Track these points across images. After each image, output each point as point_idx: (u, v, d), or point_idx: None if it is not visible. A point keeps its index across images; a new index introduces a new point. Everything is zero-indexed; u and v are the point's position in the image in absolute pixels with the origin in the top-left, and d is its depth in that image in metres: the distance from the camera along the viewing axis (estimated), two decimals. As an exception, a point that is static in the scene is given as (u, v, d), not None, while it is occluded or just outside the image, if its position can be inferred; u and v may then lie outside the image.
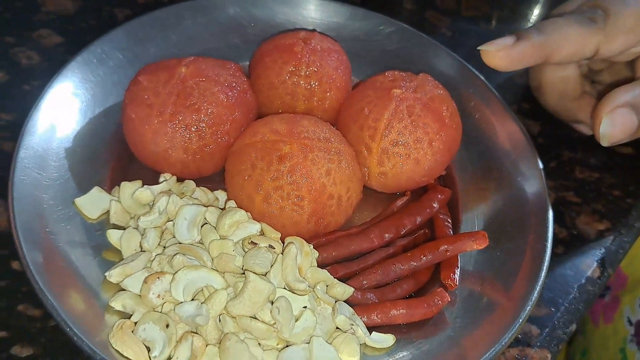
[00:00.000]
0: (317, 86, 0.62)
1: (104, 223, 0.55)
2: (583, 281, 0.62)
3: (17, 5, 0.76)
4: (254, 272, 0.49)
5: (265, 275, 0.50)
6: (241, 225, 0.53)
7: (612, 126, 0.57)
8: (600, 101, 0.58)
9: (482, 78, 0.68)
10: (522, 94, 0.78)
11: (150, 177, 0.58)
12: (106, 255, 0.53)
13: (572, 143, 0.74)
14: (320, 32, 0.66)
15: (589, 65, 0.70)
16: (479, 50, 0.58)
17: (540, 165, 0.62)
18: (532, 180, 0.61)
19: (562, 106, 0.69)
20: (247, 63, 0.68)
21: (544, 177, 0.61)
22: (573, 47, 0.59)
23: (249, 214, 0.54)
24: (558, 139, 0.74)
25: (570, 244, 0.65)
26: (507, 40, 0.58)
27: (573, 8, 0.63)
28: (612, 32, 0.59)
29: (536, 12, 0.92)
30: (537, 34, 0.58)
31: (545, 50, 0.58)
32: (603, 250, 0.65)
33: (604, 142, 0.58)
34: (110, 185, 0.58)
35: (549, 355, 0.56)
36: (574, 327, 0.59)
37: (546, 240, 0.57)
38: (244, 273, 0.51)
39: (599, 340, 0.83)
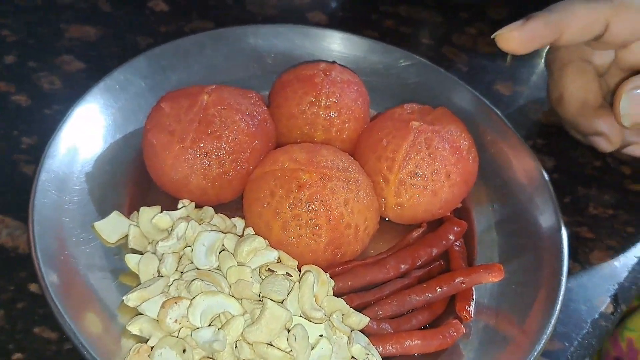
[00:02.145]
0: (336, 117, 0.63)
1: (122, 247, 0.56)
2: (596, 316, 0.62)
3: (40, 31, 0.77)
4: (271, 299, 0.49)
5: (282, 302, 0.50)
6: (259, 252, 0.53)
7: (631, 104, 0.58)
8: (621, 84, 0.59)
9: (499, 113, 0.69)
10: (537, 130, 0.78)
11: (168, 203, 0.59)
12: (123, 279, 0.53)
13: (586, 179, 0.74)
14: (340, 64, 0.67)
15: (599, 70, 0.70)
16: (494, 38, 0.60)
17: (555, 200, 0.62)
18: (547, 214, 0.62)
19: (583, 116, 0.67)
20: (267, 93, 0.69)
21: (559, 212, 0.61)
22: (582, 22, 0.60)
23: (267, 241, 0.55)
24: (572, 176, 0.74)
25: (583, 279, 0.65)
26: (518, 22, 0.60)
27: None
28: (622, 8, 0.60)
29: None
30: (547, 13, 0.60)
31: (556, 27, 0.60)
32: (616, 285, 0.65)
33: (625, 122, 0.59)
34: (129, 210, 0.58)
35: (563, 390, 0.56)
36: (587, 362, 0.59)
37: (561, 275, 0.57)
38: (260, 300, 0.51)
39: None
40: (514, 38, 0.59)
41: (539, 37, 0.60)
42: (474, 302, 0.57)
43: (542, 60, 0.89)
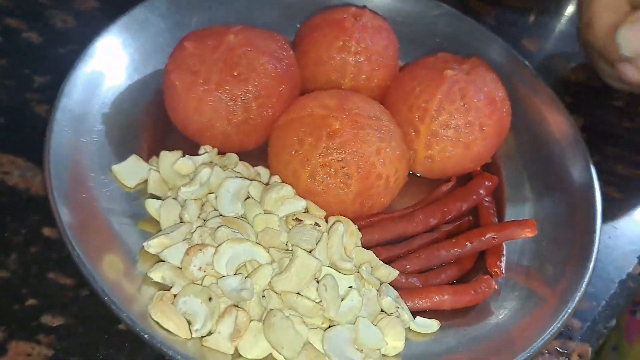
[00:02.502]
0: (366, 64, 0.60)
1: (141, 192, 0.54)
2: (624, 277, 0.61)
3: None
4: (301, 248, 0.47)
5: (310, 252, 0.48)
6: (286, 200, 0.52)
7: (633, 37, 0.59)
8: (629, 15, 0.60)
9: (531, 67, 0.67)
10: (564, 88, 0.76)
11: (189, 148, 0.57)
12: (143, 225, 0.51)
13: (615, 139, 0.73)
14: (370, 10, 0.64)
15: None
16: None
17: (589, 157, 0.60)
18: (579, 171, 0.60)
19: (611, 40, 0.65)
20: (291, 39, 0.66)
21: (593, 169, 0.60)
22: None
23: (294, 190, 0.52)
24: (601, 135, 0.73)
25: (611, 239, 0.64)
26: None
27: None
28: None
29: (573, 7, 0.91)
30: None
31: None
32: (645, 248, 0.64)
33: (623, 50, 0.60)
34: (148, 154, 0.56)
35: (590, 350, 0.55)
36: (614, 322, 0.58)
37: (594, 233, 0.55)
38: (288, 250, 0.49)
39: (633, 358, 0.82)
40: None
41: None
42: (504, 259, 0.56)
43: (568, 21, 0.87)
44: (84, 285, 0.49)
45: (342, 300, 0.47)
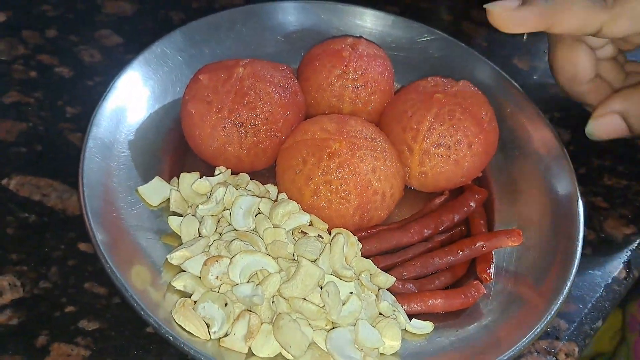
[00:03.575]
0: (363, 89, 0.66)
1: (164, 210, 0.59)
2: (609, 281, 0.65)
3: (78, 7, 0.81)
4: (305, 258, 0.53)
5: (314, 262, 0.54)
6: (292, 215, 0.57)
7: (597, 129, 0.63)
8: (597, 105, 0.63)
9: (518, 86, 0.72)
10: (554, 104, 0.81)
11: (205, 170, 0.62)
12: (165, 239, 0.57)
13: (601, 151, 0.77)
14: (366, 39, 0.70)
15: (617, 44, 0.70)
16: (484, 7, 0.59)
17: (572, 169, 0.65)
18: (564, 184, 0.65)
19: (571, 89, 0.70)
20: (294, 67, 0.72)
21: (576, 182, 0.64)
22: (576, 21, 0.59)
23: (299, 205, 0.58)
24: (588, 147, 0.77)
25: (598, 246, 0.68)
26: (512, 2, 0.59)
27: None
28: (619, 14, 0.59)
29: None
30: (544, 2, 0.58)
31: (548, 19, 0.59)
32: (629, 252, 0.68)
33: (590, 137, 0.64)
34: (169, 176, 0.62)
35: (577, 349, 0.59)
36: (600, 323, 0.62)
37: (577, 241, 0.60)
38: (294, 259, 0.54)
39: None
40: (503, 19, 0.59)
41: (529, 24, 0.59)
42: (493, 265, 0.61)
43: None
44: (115, 294, 0.54)
45: (343, 304, 0.52)
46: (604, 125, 0.63)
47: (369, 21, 0.78)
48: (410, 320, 0.55)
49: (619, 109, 0.63)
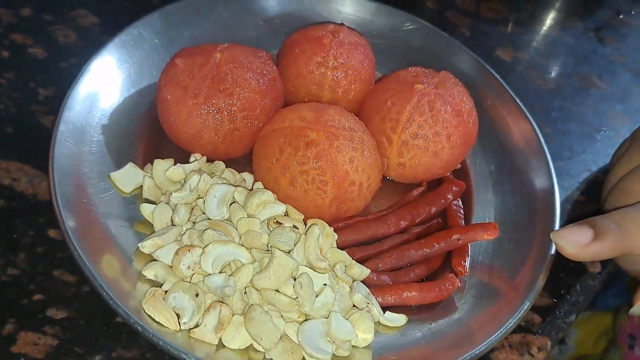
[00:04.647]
0: (343, 78, 0.65)
1: (137, 197, 0.58)
2: (584, 276, 0.66)
3: (54, -16, 0.79)
4: (279, 249, 0.52)
5: (289, 253, 0.53)
6: (268, 205, 0.56)
7: None
8: None
9: (499, 78, 0.72)
10: (536, 95, 0.81)
11: (180, 156, 0.61)
12: (138, 227, 0.56)
13: (581, 143, 0.77)
14: (347, 26, 0.69)
15: None
16: (551, 238, 0.56)
17: (550, 163, 0.65)
18: (542, 177, 0.65)
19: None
20: (275, 52, 0.71)
21: (554, 175, 0.64)
22: None
23: (275, 195, 0.57)
24: (565, 142, 0.77)
25: (574, 240, 0.68)
26: (584, 238, 0.54)
27: None
28: None
29: (551, 16, 0.95)
30: (617, 233, 0.54)
31: (625, 250, 0.55)
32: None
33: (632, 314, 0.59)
34: (143, 162, 0.61)
35: (549, 342, 0.60)
36: (573, 317, 0.62)
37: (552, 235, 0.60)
38: (268, 250, 0.54)
39: None
40: (576, 255, 0.55)
41: (604, 256, 0.55)
42: (469, 258, 0.61)
43: (544, 31, 0.91)
44: (85, 282, 0.53)
45: (316, 296, 0.52)
46: None
47: (352, 8, 0.77)
48: (384, 313, 0.55)
49: None
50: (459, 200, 0.65)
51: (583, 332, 0.88)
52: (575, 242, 0.55)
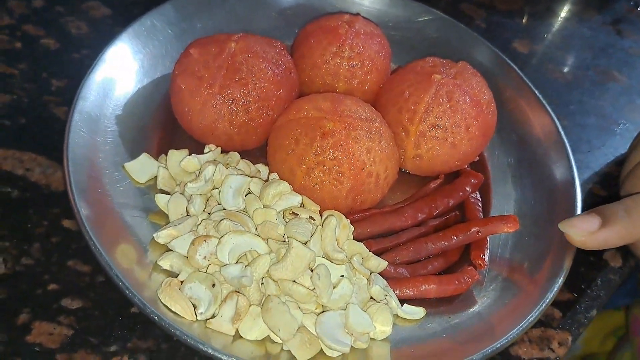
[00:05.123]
0: (359, 68, 0.64)
1: (151, 188, 0.58)
2: (605, 270, 0.64)
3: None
4: (296, 240, 0.51)
5: (305, 244, 0.53)
6: (284, 196, 0.56)
7: None
8: None
9: (517, 70, 0.70)
10: (553, 88, 0.79)
11: (194, 147, 0.61)
12: (152, 217, 0.56)
13: (600, 136, 0.76)
14: (363, 17, 0.68)
15: None
16: (560, 228, 0.55)
17: (571, 156, 0.64)
18: (562, 170, 0.63)
19: None
20: (288, 44, 0.70)
21: (574, 168, 0.63)
22: None
23: (291, 186, 0.57)
24: (585, 135, 0.76)
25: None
26: (591, 224, 0.54)
27: None
28: None
29: (567, 8, 0.94)
30: (626, 219, 0.53)
31: (634, 236, 0.54)
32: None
33: None
34: (157, 153, 0.60)
35: (570, 337, 0.58)
36: (594, 312, 0.61)
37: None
38: (285, 241, 0.53)
39: None
40: (584, 242, 0.54)
41: (613, 243, 0.54)
42: (488, 251, 0.59)
43: (561, 22, 0.90)
44: (100, 272, 0.53)
45: (334, 287, 0.51)
46: None
47: (367, -1, 0.76)
48: (402, 306, 0.54)
49: None
50: (477, 193, 0.64)
51: (590, 331, 0.87)
52: (583, 230, 0.54)
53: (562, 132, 0.66)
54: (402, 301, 0.54)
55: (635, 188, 0.60)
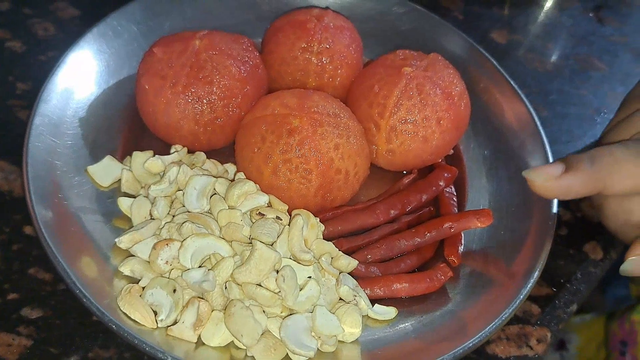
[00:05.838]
0: (329, 63, 0.63)
1: (115, 191, 0.56)
2: (586, 263, 0.63)
3: (34, -23, 0.77)
4: (260, 242, 0.50)
5: (271, 245, 0.51)
6: (250, 196, 0.54)
7: (634, 267, 0.53)
8: (634, 241, 0.54)
9: (492, 60, 0.69)
10: (533, 78, 0.78)
11: (161, 148, 0.59)
12: (116, 222, 0.54)
13: (581, 125, 0.74)
14: (333, 10, 0.66)
15: None
16: (523, 175, 0.54)
17: (547, 146, 0.62)
18: (538, 161, 0.62)
19: (623, 233, 0.60)
20: (260, 40, 0.69)
21: (551, 158, 0.61)
22: (630, 182, 0.53)
23: (258, 185, 0.55)
24: (568, 124, 0.74)
25: (574, 226, 0.66)
26: (555, 169, 0.53)
27: (633, 132, 0.57)
28: None
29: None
30: (590, 165, 0.52)
31: (598, 184, 0.53)
32: (606, 233, 0.65)
33: (624, 274, 0.55)
34: (122, 155, 0.59)
35: (549, 334, 0.57)
36: (574, 307, 0.60)
37: (550, 221, 0.57)
38: (250, 243, 0.52)
39: None
40: (547, 188, 0.53)
41: (575, 191, 0.53)
42: (462, 247, 0.58)
43: (542, 12, 0.88)
44: (61, 280, 0.51)
45: (301, 289, 0.50)
46: None
47: (339, -8, 0.74)
48: (374, 306, 0.52)
49: None
50: (452, 187, 0.63)
51: (585, 337, 0.85)
52: (546, 173, 0.53)
53: (538, 122, 0.64)
54: (374, 301, 0.53)
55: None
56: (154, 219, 0.53)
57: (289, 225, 0.53)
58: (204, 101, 0.57)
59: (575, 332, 0.86)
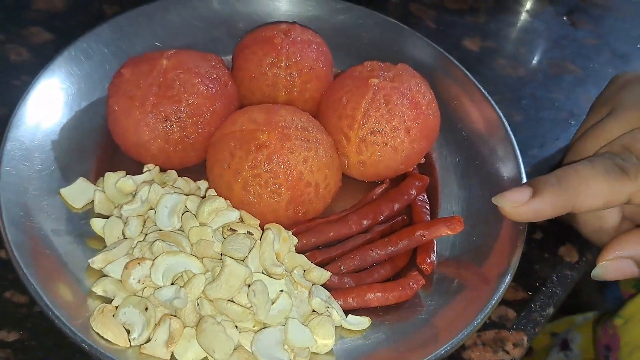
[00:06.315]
0: (297, 77, 0.63)
1: (89, 213, 0.57)
2: (561, 266, 0.63)
3: (6, 2, 0.77)
4: (231, 257, 0.50)
5: (243, 260, 0.52)
6: (220, 212, 0.55)
7: (606, 274, 0.54)
8: (606, 246, 0.54)
9: (462, 67, 0.69)
10: (506, 84, 0.78)
11: (135, 168, 0.60)
12: (90, 243, 0.54)
13: (553, 134, 0.75)
14: (300, 25, 0.67)
15: None
16: (493, 202, 0.55)
17: (517, 151, 0.63)
18: (509, 166, 0.62)
19: (597, 238, 0.61)
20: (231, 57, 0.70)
21: (521, 163, 0.62)
22: (600, 201, 0.52)
23: (229, 201, 0.56)
24: (539, 130, 0.75)
25: (549, 229, 0.66)
26: (522, 195, 0.53)
27: (598, 149, 0.57)
28: None
29: (519, 2, 0.93)
30: (557, 187, 0.52)
31: (567, 205, 0.53)
32: (580, 236, 0.65)
33: (596, 279, 0.55)
34: (96, 176, 0.59)
35: (525, 338, 0.57)
36: (551, 310, 0.60)
37: (521, 225, 0.58)
38: (221, 259, 0.52)
39: None
40: (518, 214, 0.53)
41: (547, 214, 0.53)
42: (435, 254, 0.58)
43: (515, 18, 0.89)
44: (36, 303, 0.52)
45: (273, 303, 0.50)
46: (613, 271, 0.54)
47: (306, 6, 0.75)
48: (347, 317, 0.53)
49: (629, 254, 0.54)
50: (425, 195, 0.63)
51: (587, 337, 0.85)
52: (514, 200, 0.53)
53: (508, 128, 0.64)
54: (347, 312, 0.53)
55: (576, 156, 0.59)
56: (126, 238, 0.54)
57: (260, 239, 0.53)
58: (173, 120, 0.57)
59: (577, 331, 0.86)
